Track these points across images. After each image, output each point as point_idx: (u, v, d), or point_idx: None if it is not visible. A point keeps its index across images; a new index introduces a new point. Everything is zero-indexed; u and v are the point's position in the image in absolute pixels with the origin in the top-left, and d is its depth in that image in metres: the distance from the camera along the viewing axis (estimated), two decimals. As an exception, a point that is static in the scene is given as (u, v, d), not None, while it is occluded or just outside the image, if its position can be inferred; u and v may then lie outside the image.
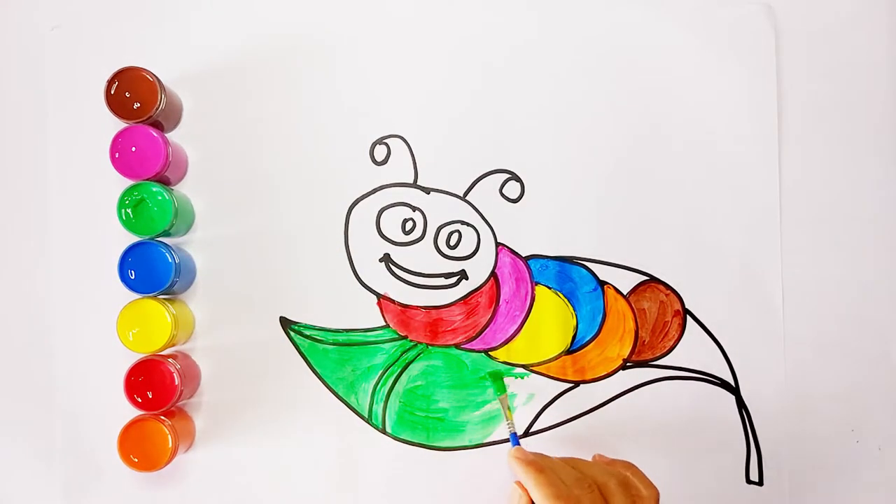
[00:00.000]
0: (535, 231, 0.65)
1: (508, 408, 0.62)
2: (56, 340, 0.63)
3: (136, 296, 0.60)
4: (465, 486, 0.64)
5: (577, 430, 0.64)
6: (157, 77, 0.59)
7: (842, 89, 0.67)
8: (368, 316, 0.64)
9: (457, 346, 0.65)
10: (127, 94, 0.59)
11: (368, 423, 0.64)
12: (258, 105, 0.64)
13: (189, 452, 0.63)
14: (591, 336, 0.65)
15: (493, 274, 0.65)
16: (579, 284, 0.65)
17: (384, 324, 0.64)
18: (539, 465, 0.54)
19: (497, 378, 0.63)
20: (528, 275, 0.65)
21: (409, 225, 0.64)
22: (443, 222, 0.65)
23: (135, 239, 0.60)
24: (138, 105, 0.59)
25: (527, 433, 0.64)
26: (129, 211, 0.59)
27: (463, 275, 0.65)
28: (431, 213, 0.64)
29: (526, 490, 0.54)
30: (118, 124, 0.60)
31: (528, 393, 0.64)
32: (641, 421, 0.65)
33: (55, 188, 0.63)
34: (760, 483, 0.65)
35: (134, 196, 0.59)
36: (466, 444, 0.64)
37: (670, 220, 0.65)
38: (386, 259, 0.64)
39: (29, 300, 0.63)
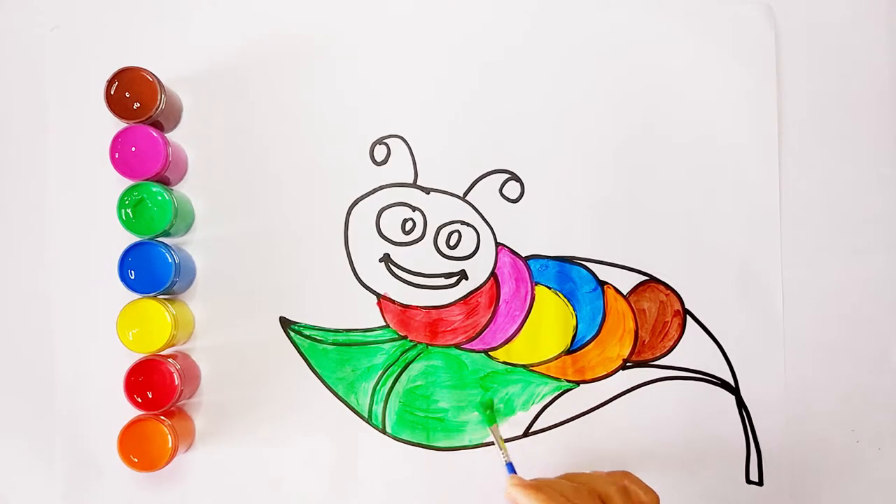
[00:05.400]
0: (535, 231, 0.65)
1: (500, 437, 0.62)
2: (56, 340, 0.63)
3: (136, 296, 0.60)
4: (465, 486, 0.64)
5: (577, 430, 0.64)
6: (157, 77, 0.59)
7: (842, 89, 0.67)
8: (368, 316, 0.64)
9: (457, 346, 0.65)
10: (127, 94, 0.59)
11: (368, 423, 0.64)
12: (258, 105, 0.64)
13: (189, 452, 0.63)
14: (591, 336, 0.65)
15: (493, 274, 0.65)
16: (579, 284, 0.65)
17: (384, 324, 0.64)
18: (537, 485, 0.54)
19: (487, 408, 0.63)
20: (528, 275, 0.65)
21: (409, 225, 0.64)
22: (443, 222, 0.65)
23: (135, 239, 0.60)
24: (138, 105, 0.59)
25: (527, 433, 0.64)
26: (129, 211, 0.59)
27: (463, 275, 0.65)
28: (431, 213, 0.64)
29: None
30: (118, 124, 0.60)
31: (528, 393, 0.65)
32: (641, 421, 0.65)
33: (55, 188, 0.63)
34: (760, 483, 0.65)
35: (134, 196, 0.59)
36: (466, 444, 0.64)
37: (670, 220, 0.65)
38: (386, 259, 0.64)
39: (29, 300, 0.63)
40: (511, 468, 0.60)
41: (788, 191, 0.66)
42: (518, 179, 0.65)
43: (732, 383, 0.65)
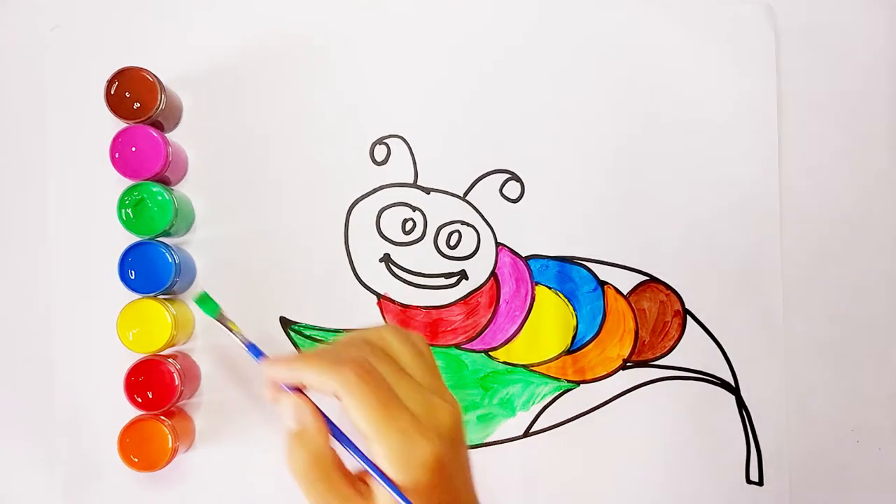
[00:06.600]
0: (535, 231, 0.65)
1: (230, 321, 0.52)
2: (56, 340, 0.63)
3: (136, 296, 0.60)
4: (465, 486, 0.63)
5: (578, 430, 0.64)
6: (157, 77, 0.59)
7: (842, 89, 0.67)
8: (368, 316, 0.64)
9: (457, 346, 0.65)
10: (127, 94, 0.59)
11: (368, 423, 0.64)
12: (258, 105, 0.64)
13: (189, 452, 0.63)
14: (591, 336, 0.65)
15: (493, 274, 0.65)
16: (579, 284, 0.65)
17: (384, 324, 0.64)
18: (293, 354, 0.48)
19: (204, 300, 0.53)
20: (528, 275, 0.65)
21: (409, 225, 0.64)
22: (443, 222, 0.65)
23: (135, 239, 0.60)
24: (138, 105, 0.59)
25: (527, 433, 0.64)
26: (129, 211, 0.59)
27: (463, 275, 0.65)
28: (431, 213, 0.64)
29: (301, 396, 0.45)
30: (118, 124, 0.60)
31: (528, 393, 0.65)
32: (641, 421, 0.65)
33: (55, 188, 0.63)
34: (760, 483, 0.65)
35: (134, 196, 0.59)
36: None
37: (670, 220, 0.65)
38: (386, 259, 0.64)
39: (29, 300, 0.63)
40: (256, 351, 0.49)
41: (788, 191, 0.66)
42: (518, 179, 0.65)
43: (732, 383, 0.65)
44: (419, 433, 0.42)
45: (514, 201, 0.65)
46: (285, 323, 0.63)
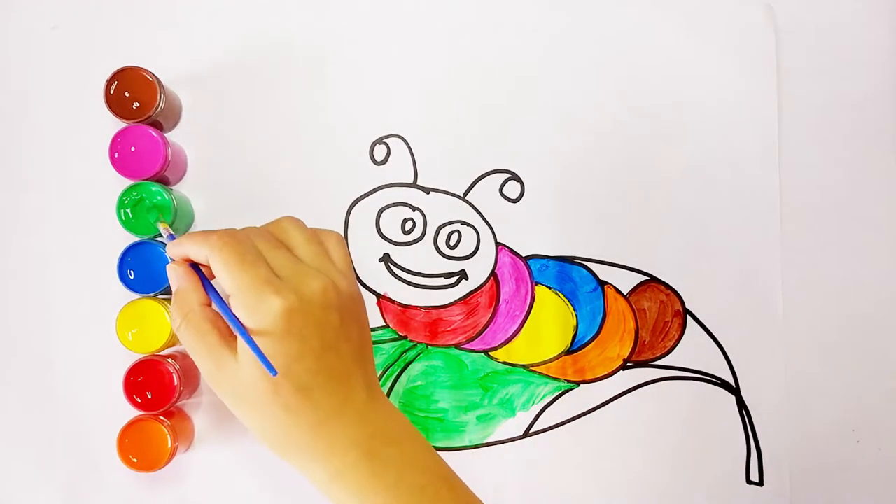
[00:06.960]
0: (535, 231, 0.65)
1: (166, 224, 0.57)
2: (56, 341, 0.63)
3: (135, 296, 0.60)
4: (464, 487, 0.63)
5: (578, 430, 0.64)
6: (156, 77, 0.59)
7: (842, 89, 0.67)
8: (368, 316, 0.64)
9: (457, 346, 0.65)
10: (126, 94, 0.59)
11: (368, 423, 0.64)
12: (258, 105, 0.64)
13: (189, 452, 0.63)
14: (591, 336, 0.65)
15: (492, 274, 0.65)
16: (579, 284, 0.65)
17: (384, 324, 0.64)
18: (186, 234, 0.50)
19: (156, 213, 0.59)
20: (528, 275, 0.65)
21: (408, 225, 0.64)
22: (443, 222, 0.65)
23: (134, 239, 0.60)
24: (137, 105, 0.59)
25: (527, 433, 0.64)
26: (128, 211, 0.59)
27: (463, 275, 0.65)
28: (431, 213, 0.64)
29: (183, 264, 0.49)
30: (118, 124, 0.60)
31: (529, 393, 0.65)
32: (641, 421, 0.65)
33: (55, 188, 0.63)
34: (760, 483, 0.65)
35: (133, 196, 0.59)
36: (466, 444, 0.64)
37: (670, 220, 0.65)
38: (386, 259, 0.64)
39: (28, 300, 0.63)
40: (172, 238, 0.52)
41: (788, 190, 0.66)
42: (518, 179, 0.65)
43: (732, 383, 0.65)
44: (273, 289, 0.45)
45: (514, 201, 0.65)
46: (285, 323, 0.63)
